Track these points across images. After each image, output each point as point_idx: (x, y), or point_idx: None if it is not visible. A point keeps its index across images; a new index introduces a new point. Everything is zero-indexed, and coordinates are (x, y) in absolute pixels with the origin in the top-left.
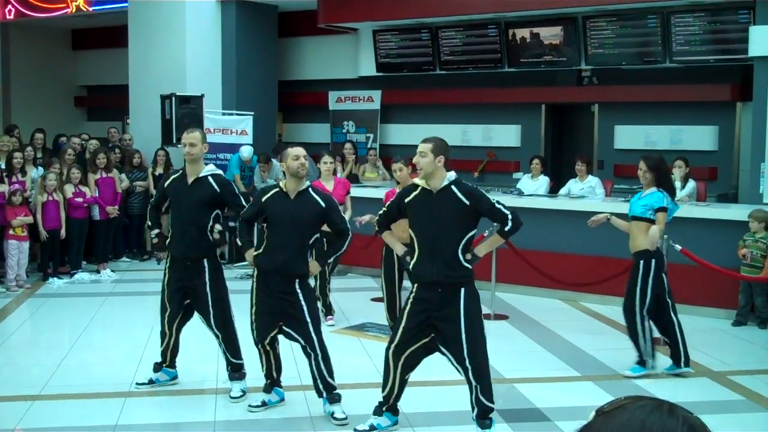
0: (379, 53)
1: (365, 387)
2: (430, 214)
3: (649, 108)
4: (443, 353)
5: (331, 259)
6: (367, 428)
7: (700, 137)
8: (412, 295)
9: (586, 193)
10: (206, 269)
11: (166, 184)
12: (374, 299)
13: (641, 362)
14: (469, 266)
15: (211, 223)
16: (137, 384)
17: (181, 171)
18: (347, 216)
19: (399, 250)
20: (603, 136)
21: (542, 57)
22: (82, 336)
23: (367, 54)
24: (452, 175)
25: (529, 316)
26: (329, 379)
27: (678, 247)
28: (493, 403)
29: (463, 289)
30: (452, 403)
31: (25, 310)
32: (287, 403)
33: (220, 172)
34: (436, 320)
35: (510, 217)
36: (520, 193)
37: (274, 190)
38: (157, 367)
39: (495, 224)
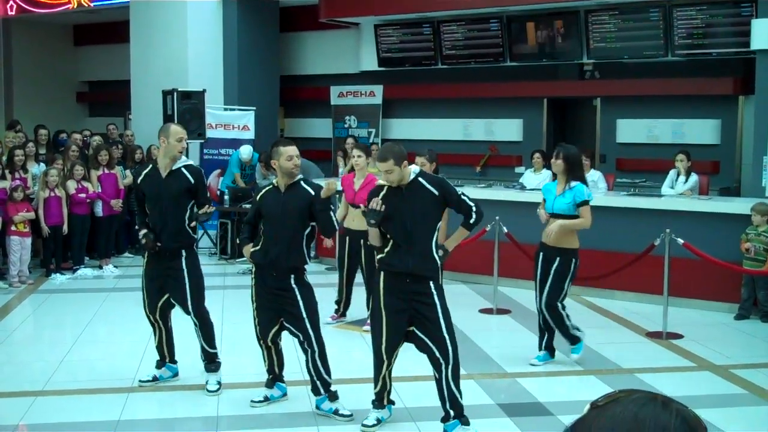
0: (381, 48)
1: (368, 382)
2: (402, 208)
3: (651, 102)
4: (421, 349)
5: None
6: (374, 422)
7: (702, 131)
8: (381, 285)
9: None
10: (183, 257)
11: (139, 181)
12: None
13: (575, 340)
14: (439, 261)
15: (188, 214)
16: (141, 382)
17: (151, 165)
18: None
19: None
20: (605, 130)
21: (544, 51)
22: (84, 332)
23: (368, 49)
24: (416, 168)
25: (532, 310)
26: (325, 376)
27: (680, 240)
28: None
29: (431, 283)
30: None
31: (28, 306)
32: (290, 398)
33: (192, 162)
34: (417, 312)
35: (474, 209)
36: (523, 188)
37: (268, 187)
38: (160, 364)
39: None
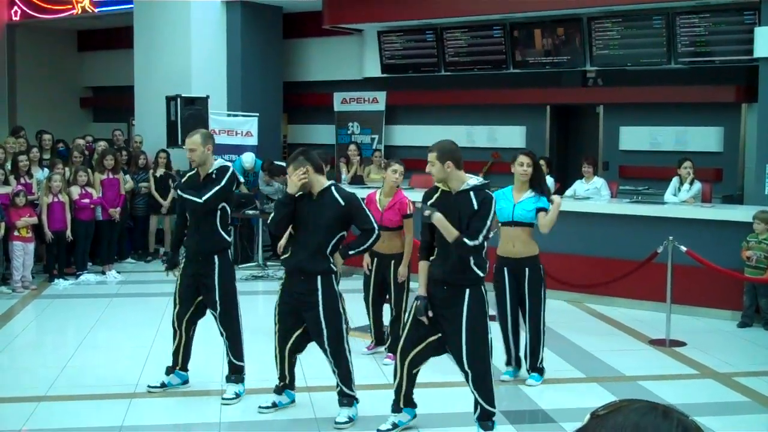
0: (384, 54)
1: (370, 388)
2: (447, 215)
3: (654, 109)
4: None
5: (353, 253)
6: (390, 427)
7: (705, 138)
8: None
9: (591, 194)
10: (216, 265)
11: (180, 186)
12: None
13: (539, 370)
14: (481, 273)
15: (219, 217)
16: (149, 387)
17: (195, 170)
18: (407, 240)
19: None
20: (608, 138)
21: (547, 58)
22: (87, 337)
23: (371, 55)
24: (473, 181)
25: None
26: (345, 389)
27: (683, 248)
28: (494, 407)
29: (468, 290)
30: (455, 405)
31: (31, 312)
32: (293, 404)
33: (227, 163)
34: (442, 318)
35: (477, 244)
36: None
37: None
38: (170, 370)
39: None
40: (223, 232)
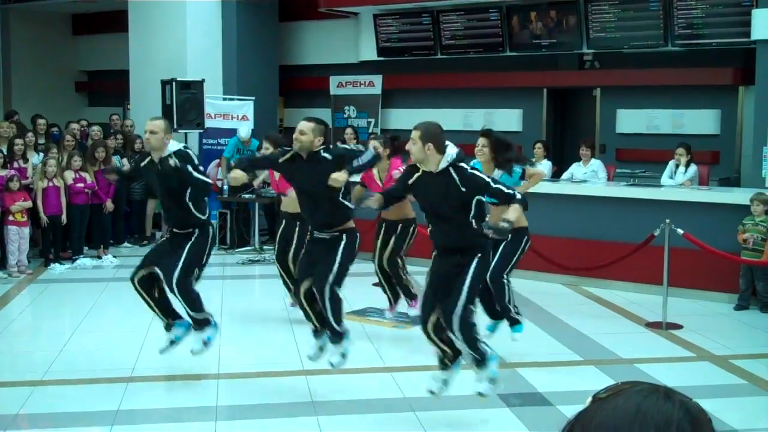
0: (380, 38)
1: (369, 371)
2: (434, 194)
3: (651, 92)
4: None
5: (356, 168)
6: (441, 384)
7: (702, 121)
8: (433, 260)
9: (588, 177)
10: (194, 235)
11: (141, 164)
12: (375, 284)
13: (516, 322)
14: (487, 234)
15: (189, 198)
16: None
17: (150, 157)
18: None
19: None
20: (605, 120)
21: (543, 41)
22: (83, 321)
23: (368, 38)
24: (450, 156)
25: (531, 300)
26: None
27: (680, 231)
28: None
29: (476, 259)
30: (453, 388)
31: (27, 296)
32: (289, 388)
33: (181, 146)
34: (449, 276)
35: (515, 194)
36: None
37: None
38: (168, 327)
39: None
40: (197, 212)
